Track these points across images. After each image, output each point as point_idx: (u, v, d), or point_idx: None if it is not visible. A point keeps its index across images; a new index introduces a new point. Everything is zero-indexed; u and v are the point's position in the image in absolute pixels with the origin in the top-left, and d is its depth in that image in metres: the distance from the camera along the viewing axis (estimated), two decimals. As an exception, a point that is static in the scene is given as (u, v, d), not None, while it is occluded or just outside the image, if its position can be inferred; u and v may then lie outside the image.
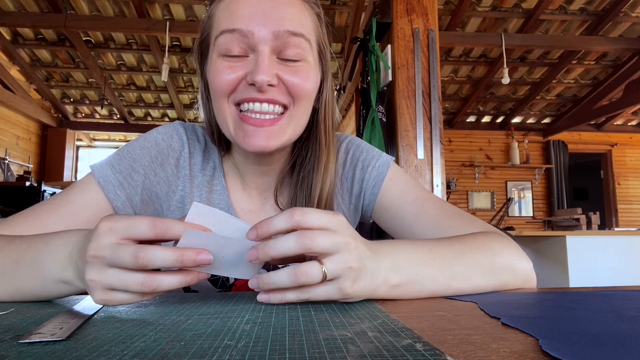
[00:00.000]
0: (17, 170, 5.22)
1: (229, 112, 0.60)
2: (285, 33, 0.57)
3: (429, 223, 0.67)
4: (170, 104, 5.96)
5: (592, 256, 3.30)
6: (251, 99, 0.58)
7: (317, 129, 0.67)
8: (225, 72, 0.57)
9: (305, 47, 0.59)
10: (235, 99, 0.59)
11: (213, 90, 0.60)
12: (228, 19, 0.57)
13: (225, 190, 0.70)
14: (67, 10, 4.08)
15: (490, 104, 6.17)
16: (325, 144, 0.67)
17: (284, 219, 0.41)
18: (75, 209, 0.60)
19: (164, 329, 0.33)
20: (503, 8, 4.32)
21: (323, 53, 0.65)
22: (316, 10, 0.64)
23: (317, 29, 0.64)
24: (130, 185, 0.63)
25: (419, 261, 0.49)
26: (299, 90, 0.59)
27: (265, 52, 0.56)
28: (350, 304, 0.43)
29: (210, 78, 0.60)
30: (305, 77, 0.60)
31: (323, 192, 0.66)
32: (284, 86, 0.59)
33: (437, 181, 2.22)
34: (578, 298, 0.46)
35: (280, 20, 0.57)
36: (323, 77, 0.66)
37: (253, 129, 0.58)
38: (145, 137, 0.68)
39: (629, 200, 6.50)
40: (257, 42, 0.56)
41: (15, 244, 0.49)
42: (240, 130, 0.59)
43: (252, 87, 0.57)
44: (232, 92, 0.59)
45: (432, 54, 2.30)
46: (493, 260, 0.54)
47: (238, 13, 0.57)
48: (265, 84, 0.56)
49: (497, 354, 0.26)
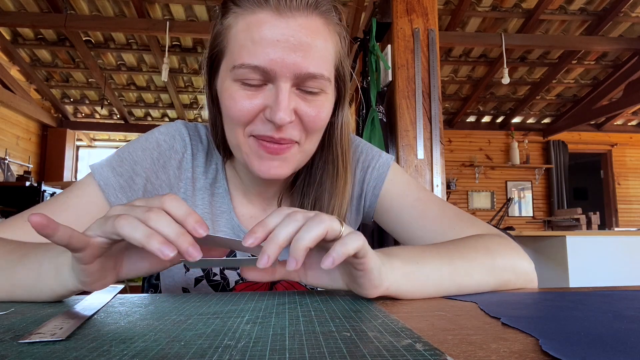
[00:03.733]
0: (17, 170, 5.22)
1: (243, 140, 0.58)
2: (306, 75, 0.54)
3: (430, 224, 0.67)
4: (170, 104, 5.96)
5: (592, 256, 3.30)
6: (268, 138, 0.56)
7: (329, 148, 0.65)
8: (243, 102, 0.55)
9: (325, 82, 0.57)
10: (253, 132, 0.57)
11: (228, 117, 0.58)
12: (250, 50, 0.54)
13: (227, 194, 0.69)
14: (67, 10, 4.08)
15: (490, 104, 6.17)
16: (343, 167, 0.65)
17: (276, 214, 0.41)
18: (76, 213, 0.60)
19: (164, 329, 0.33)
20: (503, 8, 4.32)
21: (342, 75, 0.62)
22: (339, 30, 0.60)
23: (338, 51, 0.60)
24: (131, 189, 0.62)
25: (422, 255, 0.50)
26: (313, 125, 0.58)
27: (285, 89, 0.54)
28: (350, 304, 0.43)
29: (225, 102, 0.57)
30: (321, 111, 0.58)
31: (340, 215, 0.65)
32: (299, 120, 0.57)
33: (437, 181, 2.22)
34: (578, 298, 0.46)
35: (302, 59, 0.54)
36: (339, 97, 0.64)
37: (268, 156, 0.57)
38: (147, 137, 0.66)
39: (629, 200, 6.50)
40: (279, 77, 0.54)
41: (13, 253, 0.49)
42: (255, 157, 0.58)
43: (269, 123, 0.55)
44: (249, 122, 0.57)
45: (432, 54, 2.30)
46: (494, 260, 0.55)
47: (261, 46, 0.53)
48: (285, 123, 0.54)
49: (497, 354, 0.26)
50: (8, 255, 0.48)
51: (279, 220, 0.41)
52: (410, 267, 0.48)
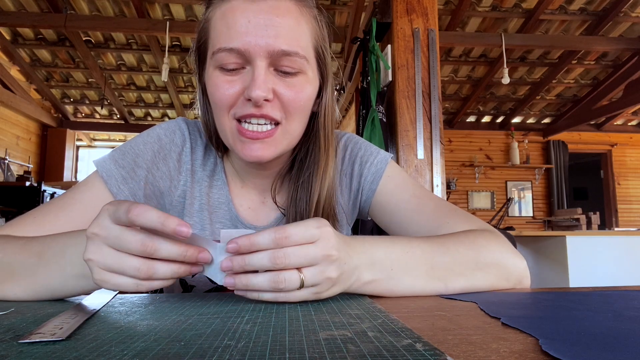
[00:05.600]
0: (17, 170, 5.22)
1: (228, 125, 0.60)
2: (279, 52, 0.56)
3: (424, 220, 0.67)
4: (170, 104, 5.96)
5: (592, 256, 3.30)
6: (248, 115, 0.58)
7: (316, 132, 0.67)
8: (224, 86, 0.58)
9: (301, 61, 0.59)
10: (236, 114, 0.59)
11: (213, 104, 0.61)
12: (225, 35, 0.57)
13: (225, 185, 0.71)
14: (67, 10, 4.08)
15: (490, 104, 6.17)
16: (325, 147, 0.67)
17: (266, 238, 0.41)
18: (82, 207, 0.61)
19: (164, 329, 0.33)
20: (503, 8, 4.32)
21: (322, 57, 0.64)
22: (313, 13, 0.63)
23: (315, 34, 0.62)
24: (133, 180, 0.64)
25: (396, 255, 0.50)
26: (292, 105, 0.59)
27: (261, 67, 0.56)
28: (350, 304, 0.43)
29: (209, 90, 0.61)
30: (300, 91, 0.59)
31: (322, 194, 0.66)
32: (279, 101, 0.59)
33: (437, 181, 2.22)
34: (578, 298, 0.46)
35: (274, 38, 0.56)
36: (322, 81, 0.65)
37: (250, 140, 0.59)
38: (148, 132, 0.69)
39: (629, 200, 6.50)
40: (253, 57, 0.56)
41: (37, 241, 0.50)
42: (238, 142, 0.60)
43: (249, 102, 0.57)
44: (232, 106, 0.59)
45: (432, 54, 2.30)
46: (478, 254, 0.54)
47: (235, 29, 0.56)
48: (261, 100, 0.56)
49: (497, 354, 0.26)
50: (29, 258, 0.49)
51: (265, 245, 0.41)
52: (379, 274, 0.48)
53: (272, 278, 0.41)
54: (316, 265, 0.42)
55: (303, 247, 0.41)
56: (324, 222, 0.44)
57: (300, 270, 0.41)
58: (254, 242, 0.41)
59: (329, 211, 0.67)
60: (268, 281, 0.41)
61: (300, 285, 0.41)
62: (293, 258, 0.41)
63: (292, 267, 0.41)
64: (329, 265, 0.42)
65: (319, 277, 0.42)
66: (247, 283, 0.42)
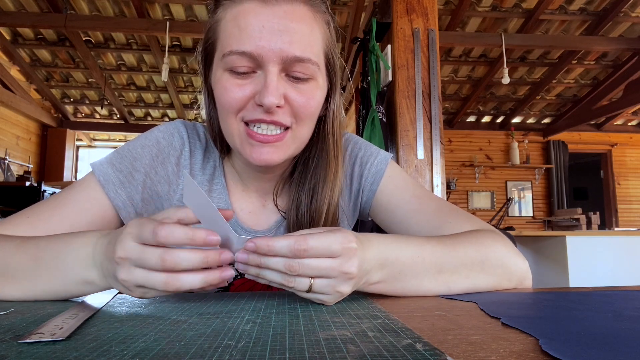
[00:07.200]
0: (17, 170, 5.22)
1: (236, 127, 0.60)
2: (292, 58, 0.56)
3: (425, 220, 0.67)
4: (170, 104, 5.96)
5: (592, 256, 3.30)
6: (258, 120, 0.57)
7: (323, 138, 0.66)
8: (234, 90, 0.57)
9: (313, 68, 0.58)
10: (244, 118, 0.58)
11: (220, 106, 0.60)
12: (237, 37, 0.55)
13: (225, 189, 0.70)
14: (67, 10, 4.08)
15: (490, 104, 6.17)
16: (335, 153, 0.66)
17: (284, 247, 0.41)
18: (76, 209, 0.60)
19: (164, 329, 0.33)
20: (503, 8, 4.32)
21: (332, 63, 0.63)
22: (326, 19, 0.62)
23: (327, 39, 0.62)
24: (131, 184, 0.63)
25: (407, 258, 0.49)
26: (303, 111, 0.59)
27: (273, 72, 0.55)
28: (350, 304, 0.43)
29: (217, 92, 0.60)
30: (311, 98, 0.59)
31: (332, 201, 0.66)
32: (289, 106, 0.58)
33: (437, 181, 2.22)
34: (578, 298, 0.46)
35: (288, 44, 0.55)
36: (331, 86, 0.65)
37: (259, 144, 0.58)
38: (147, 135, 0.68)
39: (629, 200, 6.50)
40: (266, 62, 0.55)
41: (32, 243, 0.50)
42: (247, 145, 0.59)
43: (259, 108, 0.56)
44: (241, 109, 0.58)
45: (432, 54, 2.30)
46: (485, 256, 0.54)
47: (247, 32, 0.55)
48: (274, 106, 0.55)
49: (497, 354, 0.26)
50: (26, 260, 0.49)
51: (283, 252, 0.41)
52: (387, 275, 0.48)
53: (284, 277, 0.42)
54: (330, 278, 0.42)
55: (320, 259, 0.42)
56: (349, 238, 0.43)
57: (312, 277, 0.42)
58: (272, 247, 0.41)
59: (332, 215, 0.67)
60: (279, 277, 0.42)
61: (308, 289, 0.42)
62: (307, 270, 0.41)
63: (306, 276, 0.42)
64: (344, 282, 0.43)
65: (328, 289, 0.42)
66: (259, 272, 0.43)
